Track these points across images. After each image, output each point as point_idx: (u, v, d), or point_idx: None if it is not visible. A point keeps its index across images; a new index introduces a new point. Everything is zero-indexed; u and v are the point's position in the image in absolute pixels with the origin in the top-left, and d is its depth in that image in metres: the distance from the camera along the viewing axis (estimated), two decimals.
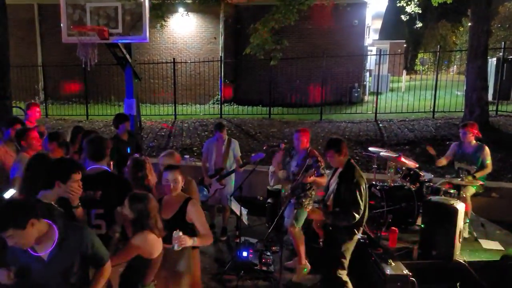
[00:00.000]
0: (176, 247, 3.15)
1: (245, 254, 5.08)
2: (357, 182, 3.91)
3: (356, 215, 3.87)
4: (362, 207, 3.91)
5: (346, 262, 4.05)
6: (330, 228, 4.13)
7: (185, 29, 16.18)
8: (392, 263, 4.26)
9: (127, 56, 7.24)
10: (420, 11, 18.03)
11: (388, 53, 23.15)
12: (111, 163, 4.46)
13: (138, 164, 3.65)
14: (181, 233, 3.15)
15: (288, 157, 5.19)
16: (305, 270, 4.96)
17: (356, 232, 4.04)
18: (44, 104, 14.32)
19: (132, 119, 7.71)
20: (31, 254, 2.45)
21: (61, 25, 6.73)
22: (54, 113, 13.52)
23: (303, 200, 4.91)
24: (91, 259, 2.60)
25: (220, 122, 6.23)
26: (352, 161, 4.13)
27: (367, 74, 18.07)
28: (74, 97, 15.29)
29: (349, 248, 4.06)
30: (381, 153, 5.99)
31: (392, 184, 5.62)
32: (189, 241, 3.22)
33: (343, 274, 4.03)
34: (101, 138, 3.74)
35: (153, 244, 2.93)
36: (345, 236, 4.01)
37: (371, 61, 19.01)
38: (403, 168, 5.82)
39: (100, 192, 3.20)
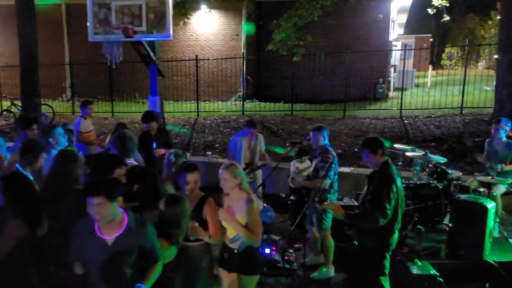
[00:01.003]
0: (190, 238, 3.24)
1: (267, 251, 5.07)
2: (387, 183, 3.54)
3: (381, 218, 3.47)
4: (389, 210, 3.50)
5: (386, 269, 3.69)
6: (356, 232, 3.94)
7: (207, 27, 16.24)
8: (419, 262, 4.17)
9: (151, 54, 7.32)
10: (447, 4, 17.57)
11: (413, 48, 22.65)
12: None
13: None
14: (197, 224, 3.24)
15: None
16: (325, 270, 4.91)
17: (388, 237, 3.65)
18: (71, 102, 14.67)
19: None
20: (98, 236, 2.57)
21: (87, 24, 6.87)
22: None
23: (318, 206, 4.82)
24: (148, 254, 2.71)
25: (253, 119, 6.37)
26: (389, 162, 3.71)
27: (392, 69, 17.73)
28: (100, 94, 15.56)
29: (385, 254, 3.67)
30: (407, 154, 5.86)
31: (418, 182, 5.49)
32: (202, 234, 3.30)
33: (385, 281, 3.72)
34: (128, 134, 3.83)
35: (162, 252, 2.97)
36: (373, 241, 3.66)
37: (396, 56, 18.63)
38: (430, 165, 5.69)
39: (137, 186, 3.29)
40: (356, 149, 8.40)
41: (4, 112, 12.53)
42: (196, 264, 3.40)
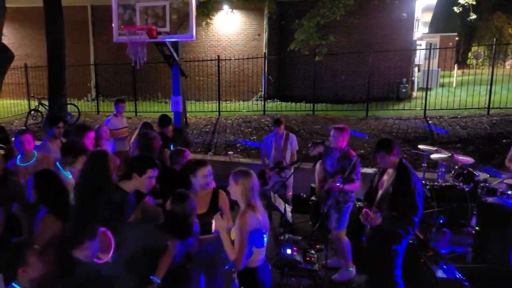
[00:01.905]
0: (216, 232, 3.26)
1: (289, 251, 5.06)
2: (415, 186, 3.68)
3: (415, 219, 3.65)
4: (420, 210, 3.67)
5: (399, 263, 3.84)
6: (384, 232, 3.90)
7: (229, 27, 16.31)
8: (444, 266, 4.08)
9: (174, 54, 7.39)
10: (474, 2, 17.13)
11: (438, 47, 22.20)
12: None
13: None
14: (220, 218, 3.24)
15: (324, 154, 5.13)
16: (351, 268, 4.86)
17: (411, 233, 3.81)
18: (95, 101, 14.97)
19: (179, 115, 7.90)
20: (97, 263, 2.60)
21: (113, 25, 6.98)
22: (105, 110, 14.10)
23: (342, 206, 4.78)
24: (150, 251, 2.77)
25: (278, 118, 6.52)
26: (404, 161, 3.86)
27: (416, 69, 17.41)
28: (124, 94, 15.82)
29: (402, 248, 3.84)
30: (432, 156, 5.75)
31: (443, 184, 5.38)
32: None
33: (398, 276, 3.83)
34: (150, 133, 3.91)
35: None
36: (398, 238, 3.78)
37: (420, 56, 18.28)
38: (456, 167, 5.57)
39: (160, 184, 3.38)
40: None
41: (32, 112, 12.88)
42: (213, 257, 3.44)
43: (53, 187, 3.10)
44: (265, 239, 2.99)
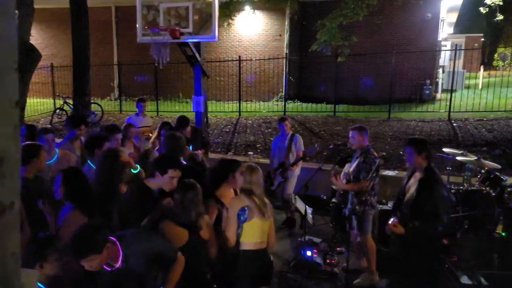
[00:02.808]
0: None
1: (309, 253, 5.03)
2: (439, 192, 3.60)
3: (439, 226, 3.60)
4: (444, 218, 3.60)
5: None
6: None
7: (250, 27, 16.33)
8: (469, 272, 3.99)
9: (197, 55, 7.42)
10: (500, 3, 16.69)
11: (464, 48, 21.72)
12: None
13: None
14: None
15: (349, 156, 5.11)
16: (368, 275, 4.78)
17: (439, 241, 3.79)
18: (118, 101, 15.21)
19: (200, 115, 7.94)
20: (108, 270, 2.59)
21: (137, 25, 7.06)
22: (128, 109, 14.30)
23: (357, 207, 4.69)
24: (158, 260, 2.73)
25: (282, 116, 6.47)
26: (432, 166, 3.77)
27: (440, 70, 17.06)
28: (146, 93, 16.02)
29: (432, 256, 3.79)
30: (457, 158, 5.61)
31: (469, 188, 5.26)
32: None
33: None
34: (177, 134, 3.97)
35: (173, 236, 2.98)
36: (427, 246, 3.71)
37: (445, 57, 17.91)
38: (482, 171, 5.43)
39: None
40: (401, 152, 8.17)
41: (57, 110, 13.18)
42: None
43: (80, 184, 3.18)
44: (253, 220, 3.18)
